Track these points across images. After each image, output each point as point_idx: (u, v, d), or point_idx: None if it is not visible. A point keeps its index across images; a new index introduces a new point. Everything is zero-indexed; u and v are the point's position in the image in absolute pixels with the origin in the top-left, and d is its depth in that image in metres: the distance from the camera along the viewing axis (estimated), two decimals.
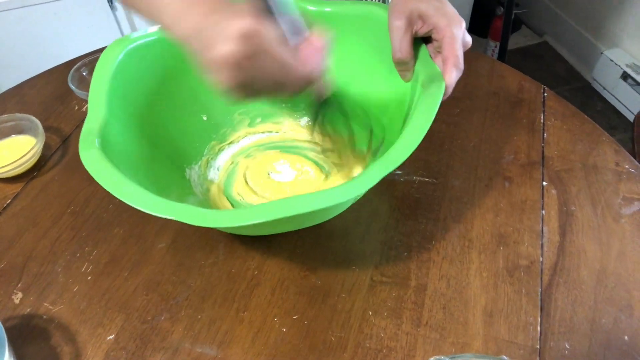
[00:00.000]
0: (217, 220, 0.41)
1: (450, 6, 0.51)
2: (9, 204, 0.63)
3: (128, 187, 0.43)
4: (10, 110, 0.75)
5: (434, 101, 0.47)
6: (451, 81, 0.48)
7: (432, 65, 0.51)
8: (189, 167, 0.62)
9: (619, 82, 1.73)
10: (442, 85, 0.48)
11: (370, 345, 0.49)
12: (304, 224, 0.54)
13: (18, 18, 1.39)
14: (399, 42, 0.51)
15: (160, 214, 0.41)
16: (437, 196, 0.61)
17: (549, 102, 0.73)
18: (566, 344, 0.49)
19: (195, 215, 0.41)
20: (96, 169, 0.45)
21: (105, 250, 0.58)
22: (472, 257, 0.56)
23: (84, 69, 0.76)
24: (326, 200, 0.41)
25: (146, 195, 0.43)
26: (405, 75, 0.54)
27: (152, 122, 0.58)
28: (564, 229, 0.58)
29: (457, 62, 0.48)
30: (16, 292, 0.54)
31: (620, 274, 0.54)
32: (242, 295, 0.53)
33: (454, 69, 0.48)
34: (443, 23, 0.49)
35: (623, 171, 0.63)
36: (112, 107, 0.51)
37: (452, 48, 0.48)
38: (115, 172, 0.45)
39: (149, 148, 0.56)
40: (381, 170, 0.42)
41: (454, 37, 0.48)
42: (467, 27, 0.50)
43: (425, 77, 0.50)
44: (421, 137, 0.44)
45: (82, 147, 0.47)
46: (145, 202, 0.42)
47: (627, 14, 1.71)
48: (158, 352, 0.49)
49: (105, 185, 0.43)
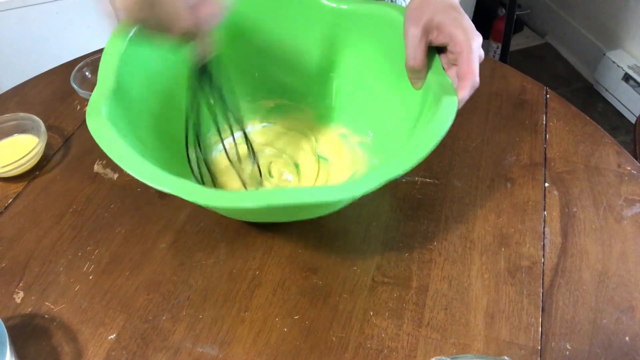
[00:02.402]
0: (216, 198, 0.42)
1: (468, 18, 0.50)
2: (10, 203, 0.63)
3: (131, 157, 0.44)
4: (12, 109, 0.75)
5: (448, 115, 0.46)
6: (464, 98, 0.48)
7: (445, 77, 0.50)
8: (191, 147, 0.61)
9: (620, 84, 1.73)
10: (455, 101, 0.47)
11: (371, 345, 0.49)
12: (301, 215, 0.54)
13: (19, 18, 1.39)
14: (414, 50, 0.51)
15: (161, 186, 0.42)
16: (439, 197, 0.61)
17: (551, 103, 0.73)
18: (567, 345, 0.49)
19: (195, 191, 0.41)
20: (101, 136, 0.45)
21: (106, 250, 0.58)
22: (473, 258, 0.56)
23: (86, 69, 0.76)
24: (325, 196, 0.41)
25: (147, 166, 0.43)
26: (417, 83, 0.54)
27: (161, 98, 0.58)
28: (566, 230, 0.58)
29: (474, 80, 0.48)
30: (18, 291, 0.54)
31: (621, 275, 0.54)
32: (244, 295, 0.53)
33: (470, 85, 0.48)
34: (461, 37, 0.48)
35: (625, 173, 0.63)
36: (121, 79, 0.51)
37: (470, 65, 0.47)
38: (119, 142, 0.45)
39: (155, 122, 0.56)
40: (385, 174, 0.42)
41: (472, 52, 0.47)
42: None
43: (437, 89, 0.49)
44: (430, 148, 0.44)
45: (89, 114, 0.47)
46: (145, 173, 0.43)
47: (629, 15, 1.70)
48: (159, 352, 0.49)
49: (108, 153, 0.44)
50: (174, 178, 0.42)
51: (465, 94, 0.48)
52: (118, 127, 0.47)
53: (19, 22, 1.40)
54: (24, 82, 0.81)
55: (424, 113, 0.51)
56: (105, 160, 0.67)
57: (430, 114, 0.49)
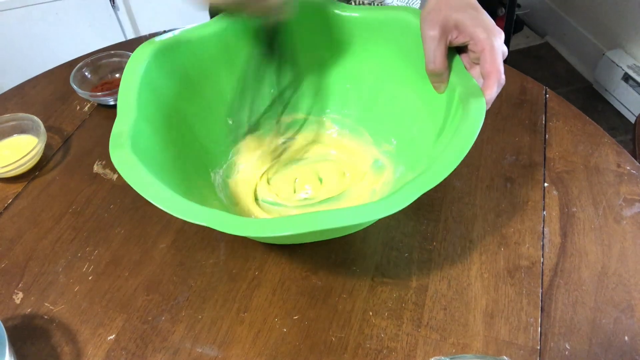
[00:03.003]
0: (252, 229, 0.40)
1: (487, 15, 0.48)
2: (10, 204, 0.63)
3: (160, 191, 0.43)
4: (11, 110, 0.75)
5: (478, 119, 0.45)
6: (491, 97, 0.46)
7: (469, 78, 0.49)
8: (213, 171, 0.61)
9: (620, 84, 1.73)
10: (482, 102, 0.46)
11: (370, 345, 0.49)
12: (332, 235, 0.53)
13: (19, 18, 1.39)
14: (433, 52, 0.49)
15: (192, 219, 0.41)
16: (438, 197, 0.61)
17: (550, 103, 0.73)
18: (566, 345, 0.49)
19: (229, 223, 0.40)
20: (127, 170, 0.44)
21: (106, 251, 0.58)
22: (473, 258, 0.56)
23: (86, 69, 0.76)
24: (359, 217, 0.40)
25: (178, 199, 0.42)
26: (439, 87, 0.52)
27: (179, 125, 0.57)
28: (565, 230, 0.58)
29: (499, 77, 0.46)
30: (17, 292, 0.54)
31: (621, 275, 0.54)
32: (243, 295, 0.53)
33: (496, 84, 0.46)
34: (482, 35, 0.46)
35: (624, 172, 0.63)
36: (140, 110, 0.50)
37: (494, 62, 0.46)
38: (146, 174, 0.44)
39: (176, 151, 0.55)
40: (420, 189, 0.41)
41: (495, 50, 0.46)
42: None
43: (462, 91, 0.48)
44: (464, 154, 0.43)
45: (112, 148, 0.45)
46: (177, 207, 0.41)
47: (628, 15, 1.70)
48: (159, 352, 0.49)
49: (136, 187, 0.43)
50: (209, 210, 0.41)
51: (492, 93, 0.46)
52: (142, 157, 0.46)
53: (19, 22, 1.40)
54: (24, 82, 0.81)
55: (450, 117, 0.50)
56: (104, 160, 0.67)
57: (457, 117, 0.47)
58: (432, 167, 0.42)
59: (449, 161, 0.42)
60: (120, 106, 0.50)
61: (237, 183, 0.62)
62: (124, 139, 0.46)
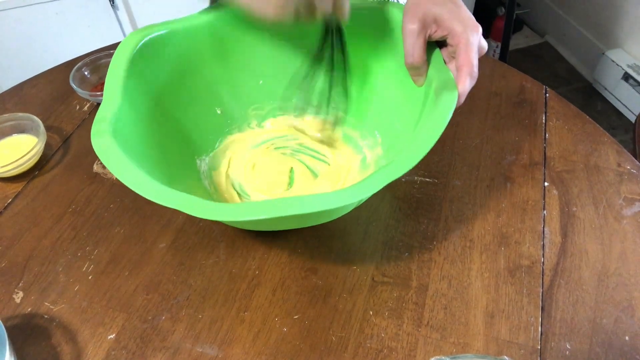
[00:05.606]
0: (222, 213, 0.41)
1: (466, 10, 0.49)
2: (9, 204, 0.63)
3: (137, 176, 0.43)
4: (11, 109, 0.75)
5: (446, 110, 0.46)
6: (464, 89, 0.47)
7: (446, 71, 0.50)
8: (199, 158, 0.62)
9: (620, 83, 1.73)
10: (454, 94, 0.47)
11: (371, 345, 0.49)
12: (307, 223, 0.54)
13: (18, 18, 1.39)
14: (412, 46, 0.50)
15: (166, 203, 0.41)
16: (439, 196, 0.61)
17: (550, 102, 0.73)
18: (567, 345, 0.49)
19: (200, 207, 0.41)
20: (107, 155, 0.45)
21: (106, 250, 0.58)
22: (473, 257, 0.55)
23: (85, 69, 0.76)
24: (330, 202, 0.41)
25: (154, 184, 0.43)
26: (418, 80, 0.53)
27: (165, 113, 0.58)
28: (566, 230, 0.58)
29: (471, 70, 0.47)
30: (17, 291, 0.54)
31: (621, 274, 0.54)
32: (243, 295, 0.53)
33: (468, 77, 0.47)
34: (459, 28, 0.48)
35: (624, 172, 0.63)
36: (126, 96, 0.51)
37: (467, 56, 0.47)
38: (124, 160, 0.44)
39: (160, 137, 0.56)
40: (387, 176, 0.42)
41: (470, 43, 0.47)
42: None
43: (438, 84, 0.49)
44: (430, 145, 0.44)
45: (94, 133, 0.46)
46: (152, 191, 0.42)
47: (628, 14, 1.70)
48: (159, 352, 0.49)
49: (114, 172, 0.44)
50: (183, 195, 0.42)
51: (465, 86, 0.47)
52: (123, 143, 0.47)
53: (18, 22, 1.40)
54: (23, 81, 0.81)
55: (425, 110, 0.51)
56: None
57: (429, 110, 0.48)
58: (399, 157, 0.43)
59: (415, 152, 0.43)
60: (106, 92, 0.51)
61: (220, 174, 0.63)
62: (106, 125, 0.47)
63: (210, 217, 0.41)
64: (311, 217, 0.50)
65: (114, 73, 0.52)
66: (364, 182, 0.42)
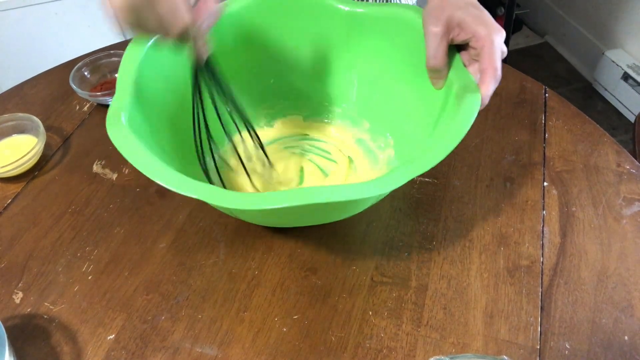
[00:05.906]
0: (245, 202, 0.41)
1: (488, 14, 0.49)
2: (9, 204, 0.63)
3: (155, 164, 0.43)
4: (11, 110, 0.75)
5: (471, 111, 0.46)
6: (488, 92, 0.47)
7: (467, 74, 0.50)
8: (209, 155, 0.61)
9: (619, 83, 1.73)
10: (478, 97, 0.47)
11: (370, 345, 0.49)
12: (324, 218, 0.53)
13: (18, 18, 1.39)
14: (435, 49, 0.50)
15: (186, 192, 0.41)
16: (438, 196, 0.61)
17: (550, 102, 0.73)
18: (566, 344, 0.49)
19: (221, 195, 0.41)
20: (123, 144, 0.45)
21: (105, 250, 0.58)
22: (472, 257, 0.56)
23: (85, 69, 0.76)
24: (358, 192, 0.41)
25: (173, 173, 0.43)
26: (438, 83, 0.53)
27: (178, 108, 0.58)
28: (565, 230, 0.58)
29: (495, 73, 0.47)
30: (17, 291, 0.54)
31: (620, 274, 0.54)
32: (243, 295, 0.53)
33: (492, 80, 0.47)
34: (483, 32, 0.47)
35: (624, 172, 0.63)
36: (139, 92, 0.51)
37: (491, 59, 0.47)
38: (141, 148, 0.44)
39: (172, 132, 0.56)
40: (414, 170, 0.43)
41: (494, 46, 0.47)
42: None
43: (459, 87, 0.49)
44: (456, 143, 0.44)
45: (109, 123, 0.46)
46: (172, 180, 0.42)
47: (628, 14, 1.70)
48: (158, 352, 0.49)
49: (131, 161, 0.43)
50: (202, 184, 0.42)
51: (488, 89, 0.47)
52: (138, 133, 0.46)
53: (18, 22, 1.40)
54: (23, 82, 0.81)
55: (445, 112, 0.50)
56: (104, 160, 0.67)
57: (452, 112, 0.48)
58: (423, 155, 0.44)
59: (440, 150, 0.44)
60: (119, 86, 0.50)
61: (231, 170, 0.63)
62: (119, 115, 0.47)
63: (237, 206, 0.40)
64: (333, 208, 0.50)
65: (126, 68, 0.52)
66: (385, 178, 0.42)
